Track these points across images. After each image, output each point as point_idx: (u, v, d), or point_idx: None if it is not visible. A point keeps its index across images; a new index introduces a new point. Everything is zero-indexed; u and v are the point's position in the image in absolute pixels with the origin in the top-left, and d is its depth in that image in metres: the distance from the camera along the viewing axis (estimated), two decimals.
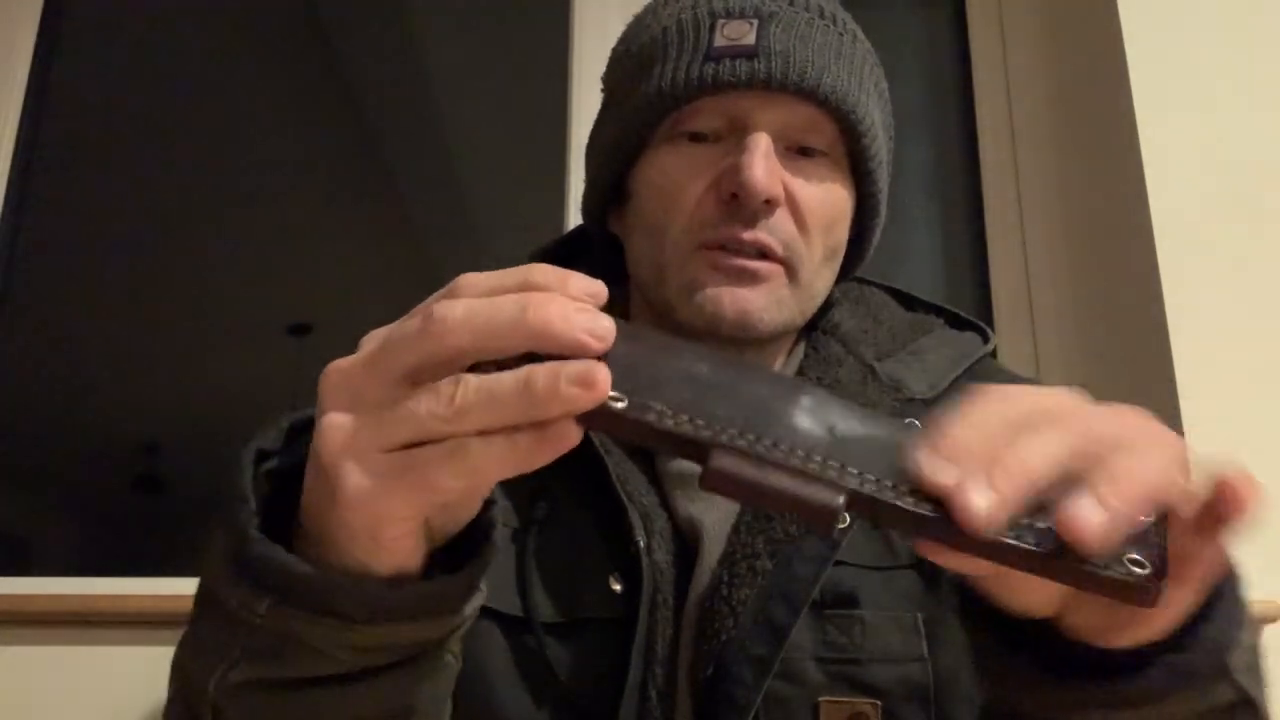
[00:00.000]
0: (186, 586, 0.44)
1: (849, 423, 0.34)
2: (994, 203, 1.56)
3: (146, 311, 1.60)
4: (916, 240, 1.58)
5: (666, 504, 0.63)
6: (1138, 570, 0.31)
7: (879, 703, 0.57)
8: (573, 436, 0.33)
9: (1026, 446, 0.32)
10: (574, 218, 1.48)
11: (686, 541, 0.62)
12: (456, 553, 0.40)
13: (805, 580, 0.58)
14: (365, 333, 0.37)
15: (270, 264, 1.47)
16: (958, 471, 0.32)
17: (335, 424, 0.34)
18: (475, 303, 0.33)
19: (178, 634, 0.44)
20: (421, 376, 0.33)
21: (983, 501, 0.31)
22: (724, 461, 0.32)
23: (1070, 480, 0.32)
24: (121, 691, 1.22)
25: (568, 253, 0.76)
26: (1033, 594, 0.37)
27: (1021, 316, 1.48)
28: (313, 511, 0.37)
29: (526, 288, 0.33)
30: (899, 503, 0.32)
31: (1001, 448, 0.32)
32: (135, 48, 1.72)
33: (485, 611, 0.59)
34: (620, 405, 0.32)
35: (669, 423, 0.33)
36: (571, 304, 0.33)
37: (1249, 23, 1.35)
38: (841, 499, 0.32)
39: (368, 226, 1.64)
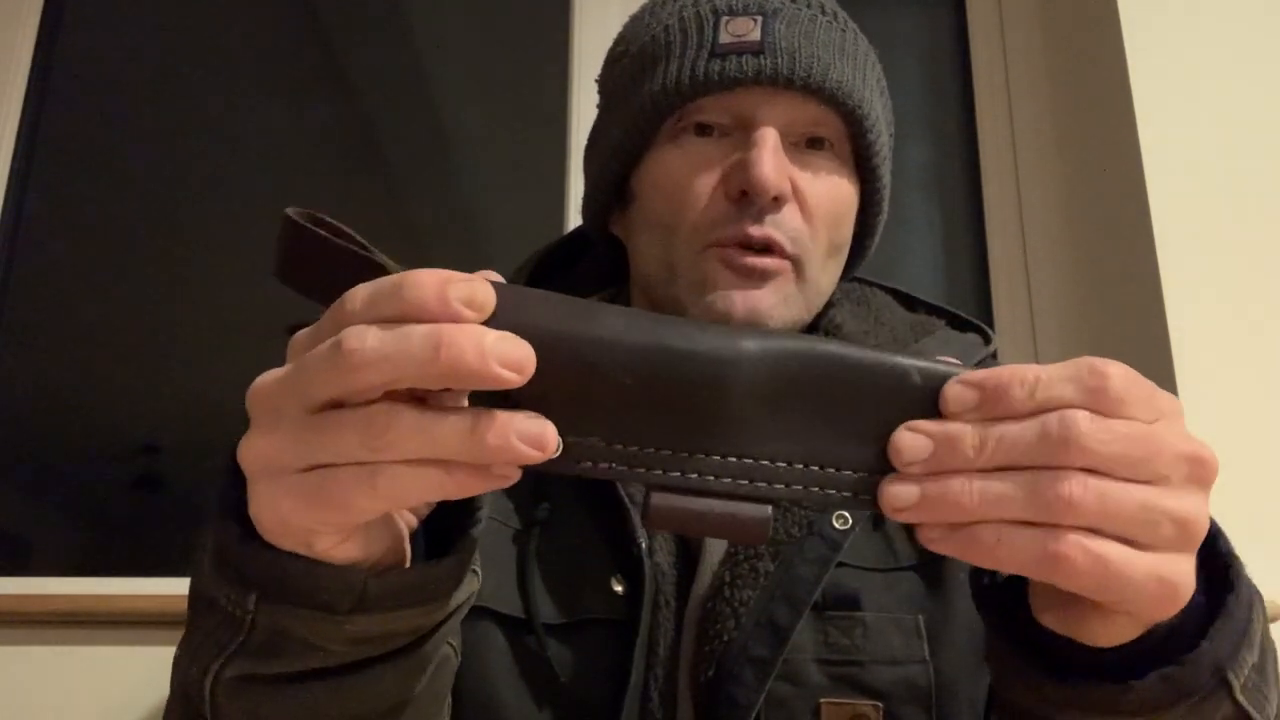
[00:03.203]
0: (186, 587, 0.44)
1: (789, 393, 0.34)
2: (994, 203, 1.56)
3: (146, 312, 1.60)
4: (916, 240, 1.58)
5: None
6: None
7: (880, 704, 0.57)
8: (514, 477, 0.33)
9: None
10: (574, 218, 1.48)
11: (688, 542, 0.62)
12: (450, 538, 0.40)
13: (807, 582, 0.58)
14: None
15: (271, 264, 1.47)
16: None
17: (255, 443, 0.34)
18: (386, 336, 0.31)
19: (177, 634, 0.44)
20: (342, 403, 0.32)
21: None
22: (660, 501, 0.34)
23: None
24: (121, 691, 1.22)
25: (568, 254, 0.76)
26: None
27: (1021, 316, 1.48)
28: None
29: (408, 308, 0.31)
30: (828, 496, 0.34)
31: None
32: (135, 48, 1.72)
33: (487, 612, 0.59)
34: (558, 454, 0.33)
35: (604, 466, 0.34)
36: (484, 334, 0.31)
37: (1249, 22, 1.35)
38: (770, 509, 0.34)
39: (368, 226, 1.63)
